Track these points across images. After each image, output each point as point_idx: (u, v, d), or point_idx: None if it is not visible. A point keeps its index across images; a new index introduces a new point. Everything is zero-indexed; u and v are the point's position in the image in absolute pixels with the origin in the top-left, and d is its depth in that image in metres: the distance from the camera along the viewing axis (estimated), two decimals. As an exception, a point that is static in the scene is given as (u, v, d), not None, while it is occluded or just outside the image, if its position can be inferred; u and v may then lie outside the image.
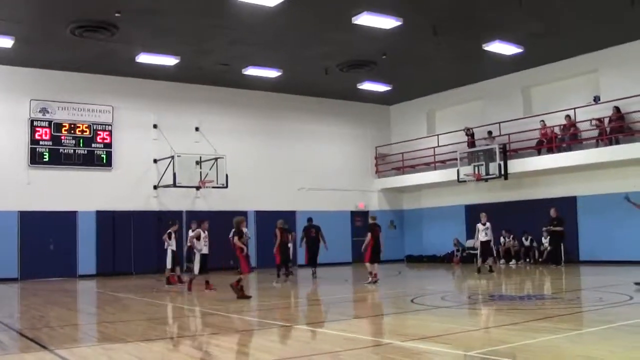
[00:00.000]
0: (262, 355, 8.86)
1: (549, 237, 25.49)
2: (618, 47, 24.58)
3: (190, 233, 19.48)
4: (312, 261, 22.53)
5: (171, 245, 19.97)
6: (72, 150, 25.58)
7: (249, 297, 15.52)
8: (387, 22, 20.66)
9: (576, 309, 12.55)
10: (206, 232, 18.19)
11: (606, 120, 24.39)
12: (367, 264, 19.37)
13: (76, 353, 8.97)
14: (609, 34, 23.26)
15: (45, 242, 24.68)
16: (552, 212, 24.54)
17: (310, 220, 23.43)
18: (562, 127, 25.80)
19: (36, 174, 24.88)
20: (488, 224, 22.13)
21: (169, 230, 20.17)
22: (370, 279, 18.96)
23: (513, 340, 9.07)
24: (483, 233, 22.07)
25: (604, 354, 7.83)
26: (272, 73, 26.58)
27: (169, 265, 20.01)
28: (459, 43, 23.59)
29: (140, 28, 21.17)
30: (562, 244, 24.62)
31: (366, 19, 20.20)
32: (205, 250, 18.00)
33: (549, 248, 25.74)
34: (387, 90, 30.29)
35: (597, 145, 24.58)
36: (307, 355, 8.37)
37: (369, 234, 19.47)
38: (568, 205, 26.02)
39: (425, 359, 8.21)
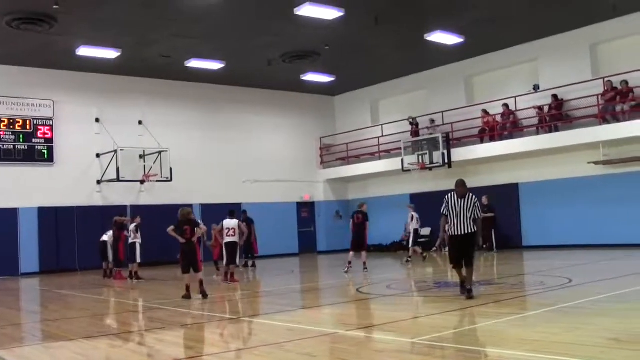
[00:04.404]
0: (207, 348, 8.84)
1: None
2: (556, 37, 25.04)
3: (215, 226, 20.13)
4: (247, 253, 23.11)
5: (138, 239, 20.05)
6: (11, 146, 24.99)
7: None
8: (329, 13, 20.67)
9: (518, 293, 12.79)
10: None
11: (546, 108, 24.85)
12: (350, 254, 19.76)
13: (17, 353, 8.82)
14: (547, 23, 23.67)
15: (-15, 240, 24.12)
16: (484, 200, 24.95)
17: (244, 213, 23.72)
18: (502, 115, 26.24)
19: (-26, 171, 24.34)
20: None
21: (135, 224, 20.12)
22: (346, 267, 19.22)
23: (457, 326, 9.23)
24: (416, 221, 22.45)
25: (544, 336, 8.00)
26: (215, 65, 26.38)
27: (138, 259, 20.01)
28: (401, 33, 23.74)
29: (79, 20, 20.78)
30: (493, 230, 25.07)
31: (308, 10, 20.17)
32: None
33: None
34: (330, 81, 30.36)
35: (537, 133, 25.04)
36: (252, 347, 8.38)
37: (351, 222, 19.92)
38: (510, 192, 26.46)
39: (370, 348, 8.28)
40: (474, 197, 12.06)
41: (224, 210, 19.71)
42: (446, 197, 12.20)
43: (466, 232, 11.87)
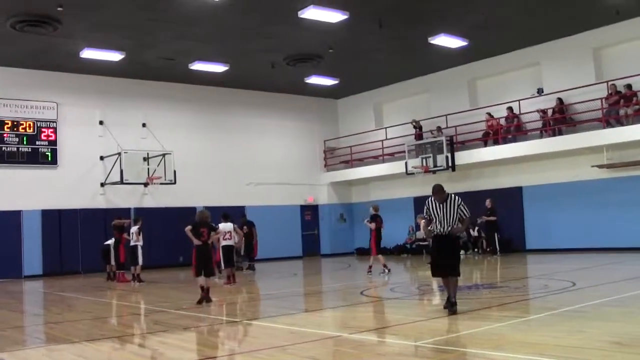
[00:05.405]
0: (209, 351, 8.83)
1: (478, 227, 25.95)
2: (559, 41, 25.04)
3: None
4: (247, 256, 23.22)
5: (139, 242, 20.15)
6: (15, 148, 25.02)
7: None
8: (333, 16, 20.65)
9: (522, 296, 12.76)
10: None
11: (550, 112, 24.83)
12: (380, 257, 19.51)
13: (20, 356, 8.82)
14: (550, 27, 23.66)
15: (-11, 242, 24.12)
16: (488, 203, 24.97)
17: (243, 216, 23.72)
18: (506, 118, 26.22)
19: (-22, 173, 24.35)
20: None
21: (137, 226, 20.21)
22: (385, 270, 19.17)
23: (459, 330, 9.20)
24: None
25: (545, 339, 7.98)
26: (219, 67, 26.38)
27: (141, 262, 20.14)
28: (404, 36, 23.72)
29: (83, 22, 20.79)
30: (496, 234, 25.02)
31: (312, 13, 20.17)
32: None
33: (483, 236, 26.05)
34: (334, 84, 30.35)
35: (541, 136, 25.01)
36: (255, 350, 8.36)
37: (372, 224, 19.66)
38: (514, 195, 26.42)
39: (373, 351, 8.26)
40: (456, 198, 10.86)
41: (229, 213, 19.83)
42: (427, 201, 11.02)
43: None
